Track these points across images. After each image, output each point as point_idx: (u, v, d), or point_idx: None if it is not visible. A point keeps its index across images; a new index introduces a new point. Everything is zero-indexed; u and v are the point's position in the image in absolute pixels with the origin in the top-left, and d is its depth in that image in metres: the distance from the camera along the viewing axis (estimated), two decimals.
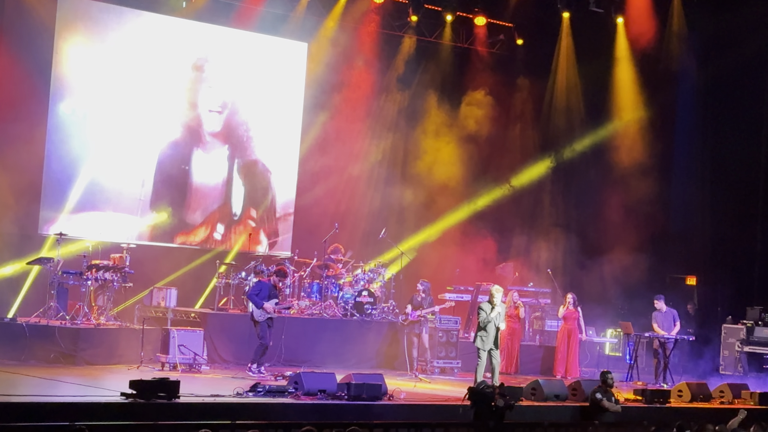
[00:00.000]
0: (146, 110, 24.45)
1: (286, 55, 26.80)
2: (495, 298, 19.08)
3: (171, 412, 14.89)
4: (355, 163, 27.12)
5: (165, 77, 24.79)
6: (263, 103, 26.39)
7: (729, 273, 26.62)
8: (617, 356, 26.00)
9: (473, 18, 27.97)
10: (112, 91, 23.94)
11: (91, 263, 20.96)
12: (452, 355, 23.02)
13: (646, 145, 27.01)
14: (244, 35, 26.00)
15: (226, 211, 25.92)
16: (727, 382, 20.88)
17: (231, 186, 26.01)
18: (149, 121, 24.52)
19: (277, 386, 17.08)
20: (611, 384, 17.93)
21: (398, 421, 16.16)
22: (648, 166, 26.76)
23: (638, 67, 27.55)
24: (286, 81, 26.74)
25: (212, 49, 25.67)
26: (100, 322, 20.48)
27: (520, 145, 28.74)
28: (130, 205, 24.12)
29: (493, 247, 27.21)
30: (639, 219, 26.81)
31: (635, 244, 26.54)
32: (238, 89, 26.04)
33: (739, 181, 27.05)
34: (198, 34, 25.41)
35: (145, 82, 24.40)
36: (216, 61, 25.67)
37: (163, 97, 24.79)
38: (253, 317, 19.74)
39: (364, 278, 23.90)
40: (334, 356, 21.94)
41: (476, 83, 28.12)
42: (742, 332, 25.38)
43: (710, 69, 27.19)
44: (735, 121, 26.94)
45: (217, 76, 25.70)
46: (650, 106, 27.18)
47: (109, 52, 23.96)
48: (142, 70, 24.36)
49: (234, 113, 26.04)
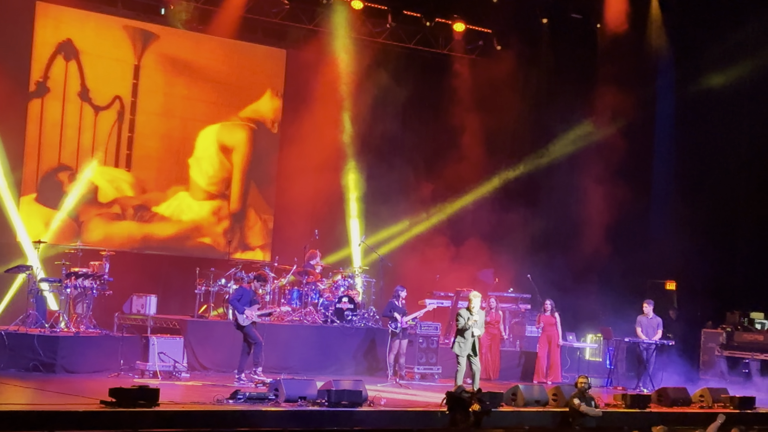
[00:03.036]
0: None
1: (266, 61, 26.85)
2: (473, 304, 19.10)
3: (151, 419, 14.85)
4: (333, 169, 27.07)
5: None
6: (238, 107, 26.49)
7: (709, 278, 26.68)
8: (597, 361, 26.03)
9: (452, 24, 28.02)
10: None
11: (70, 271, 20.90)
12: (432, 361, 23.01)
13: (626, 150, 27.05)
14: (222, 42, 26.02)
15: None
16: (707, 387, 20.90)
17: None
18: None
19: (258, 393, 17.05)
20: (583, 389, 17.94)
21: (379, 428, 16.15)
22: (628, 169, 26.81)
23: (616, 72, 27.62)
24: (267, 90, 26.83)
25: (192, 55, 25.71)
26: (79, 330, 20.40)
27: (499, 149, 28.76)
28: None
29: (473, 253, 27.20)
30: (619, 223, 26.87)
31: (615, 249, 26.60)
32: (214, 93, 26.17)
33: (719, 185, 27.15)
34: (178, 40, 25.49)
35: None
36: (196, 67, 25.73)
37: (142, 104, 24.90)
38: (238, 323, 19.69)
39: (344, 284, 23.89)
40: (315, 363, 21.92)
41: (455, 89, 28.14)
42: (722, 337, 25.47)
43: (689, 75, 27.30)
44: (714, 125, 27.02)
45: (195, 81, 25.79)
46: (629, 110, 27.23)
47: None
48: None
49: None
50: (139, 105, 25.12)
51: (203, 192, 26.04)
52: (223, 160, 26.34)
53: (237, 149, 26.56)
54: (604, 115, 27.71)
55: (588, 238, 27.26)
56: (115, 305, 21.91)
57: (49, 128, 24.04)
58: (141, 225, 25.19)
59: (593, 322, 26.08)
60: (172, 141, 25.75)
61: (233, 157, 26.53)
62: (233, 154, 26.52)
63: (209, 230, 26.08)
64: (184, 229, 25.72)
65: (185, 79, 25.77)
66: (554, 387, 19.30)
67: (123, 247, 24.16)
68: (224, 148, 26.34)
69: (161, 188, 25.61)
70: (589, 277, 26.69)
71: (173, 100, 25.67)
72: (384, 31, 27.57)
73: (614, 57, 27.71)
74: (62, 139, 24.12)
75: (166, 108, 25.60)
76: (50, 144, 24.04)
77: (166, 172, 25.73)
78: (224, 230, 26.15)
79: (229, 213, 26.34)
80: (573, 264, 26.96)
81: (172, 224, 25.61)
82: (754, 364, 24.86)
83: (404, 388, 20.75)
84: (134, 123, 25.04)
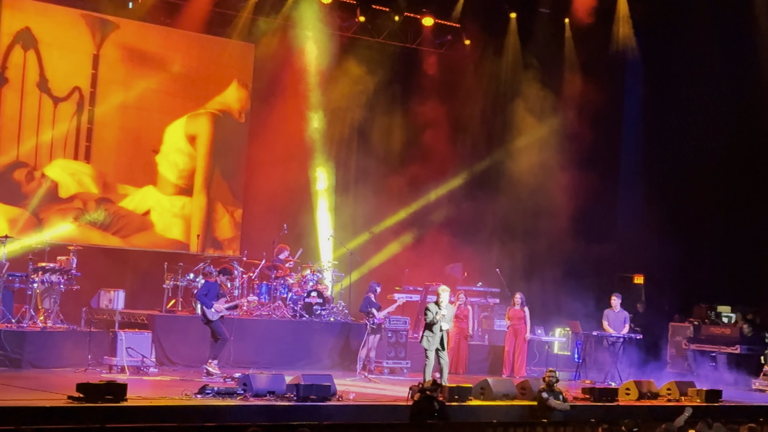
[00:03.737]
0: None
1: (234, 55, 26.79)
2: (442, 298, 19.13)
3: (119, 415, 14.80)
4: (302, 163, 27.03)
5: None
6: (204, 99, 26.44)
7: (676, 272, 26.81)
8: (566, 355, 26.12)
9: (421, 18, 28.03)
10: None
11: (37, 265, 20.79)
12: (402, 355, 23.02)
13: (594, 144, 27.16)
14: (190, 36, 25.94)
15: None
16: (674, 380, 21.02)
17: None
18: None
19: (226, 388, 17.00)
20: (551, 382, 18.00)
21: (347, 422, 16.16)
22: (595, 163, 26.90)
23: (584, 67, 27.77)
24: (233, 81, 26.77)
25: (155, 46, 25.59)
26: (46, 325, 20.31)
27: (467, 143, 28.81)
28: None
29: (442, 247, 27.25)
30: (587, 217, 26.97)
31: (583, 243, 26.70)
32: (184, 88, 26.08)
33: (686, 179, 27.29)
34: (140, 30, 25.36)
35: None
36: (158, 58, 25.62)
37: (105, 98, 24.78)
38: (207, 317, 19.64)
39: (313, 279, 23.87)
40: (284, 358, 21.88)
41: (423, 83, 28.17)
42: (689, 330, 25.62)
43: (657, 69, 27.43)
44: (682, 120, 27.16)
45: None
46: (597, 104, 27.31)
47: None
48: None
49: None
50: (98, 96, 24.74)
51: (172, 186, 25.87)
52: (191, 152, 26.18)
53: (200, 136, 26.26)
54: (572, 109, 27.81)
55: (556, 232, 27.39)
56: (82, 300, 21.79)
57: (8, 120, 23.70)
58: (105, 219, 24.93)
59: (561, 315, 26.15)
60: (131, 133, 25.37)
61: (197, 145, 26.25)
62: (197, 141, 26.23)
63: (177, 224, 25.92)
64: (150, 223, 25.54)
65: (147, 70, 25.38)
66: (523, 381, 19.36)
67: (86, 242, 23.86)
68: (190, 138, 26.11)
69: (123, 181, 25.26)
70: (557, 271, 26.77)
71: (133, 91, 25.25)
72: (353, 25, 27.55)
73: (582, 51, 27.89)
74: (20, 131, 23.77)
75: (126, 99, 25.18)
76: (8, 137, 23.69)
77: (128, 165, 25.39)
78: (192, 224, 26.03)
79: (197, 207, 26.17)
80: (541, 258, 27.06)
81: (138, 219, 25.41)
82: (721, 357, 25.03)
83: (373, 382, 20.76)
84: (93, 114, 24.69)
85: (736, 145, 26.62)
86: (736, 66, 26.14)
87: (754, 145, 26.54)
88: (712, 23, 26.15)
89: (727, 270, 26.50)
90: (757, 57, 25.90)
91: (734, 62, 26.14)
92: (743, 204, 26.65)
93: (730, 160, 26.81)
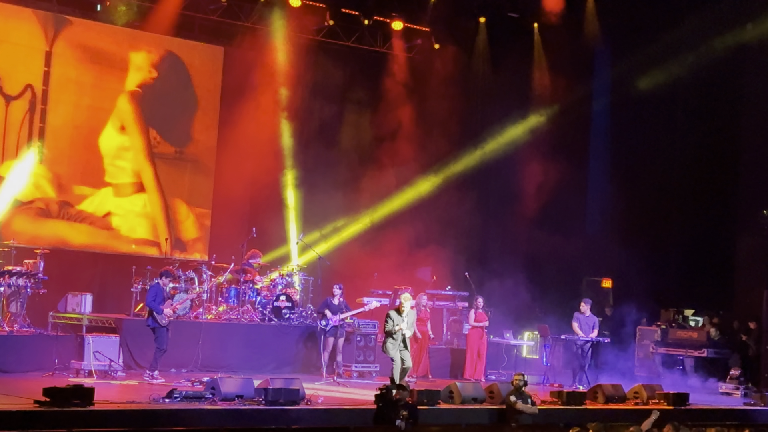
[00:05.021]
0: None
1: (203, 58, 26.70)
2: (404, 306, 19.22)
3: (86, 419, 14.76)
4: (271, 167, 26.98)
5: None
6: (176, 106, 26.29)
7: (644, 276, 26.90)
8: (534, 359, 26.17)
9: (390, 22, 28.06)
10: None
11: (3, 269, 20.67)
12: (370, 359, 23.00)
13: (562, 147, 27.26)
14: (160, 39, 25.86)
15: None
16: (642, 384, 21.09)
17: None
18: None
19: (194, 392, 16.97)
20: (520, 386, 18.03)
21: (316, 426, 16.16)
22: (563, 167, 26.95)
23: (553, 70, 27.86)
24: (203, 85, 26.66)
25: (108, 44, 25.39)
26: (13, 329, 20.18)
27: (436, 147, 28.83)
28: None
29: (411, 250, 27.26)
30: (556, 222, 27.06)
31: (552, 247, 26.77)
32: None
33: (654, 184, 27.41)
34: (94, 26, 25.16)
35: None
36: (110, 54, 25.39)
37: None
38: (157, 323, 19.47)
39: (282, 282, 23.82)
40: (252, 361, 21.85)
41: (393, 86, 28.20)
42: (657, 334, 25.73)
43: (625, 73, 27.48)
44: (649, 124, 27.29)
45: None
46: (566, 109, 27.41)
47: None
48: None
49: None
50: (50, 94, 24.41)
51: (129, 186, 25.61)
52: (130, 143, 25.70)
53: (126, 120, 25.68)
54: (541, 112, 27.91)
55: (524, 236, 27.48)
56: (49, 304, 21.72)
57: None
58: (69, 223, 24.74)
59: (530, 319, 26.21)
60: (85, 133, 25.06)
61: (128, 131, 25.70)
62: (127, 128, 25.68)
63: (141, 224, 25.75)
64: (111, 225, 25.35)
65: (99, 68, 25.15)
66: (491, 384, 19.39)
67: (52, 245, 23.69)
68: (121, 129, 25.58)
69: (80, 183, 25.02)
70: (525, 275, 26.81)
71: (86, 89, 25.02)
72: (322, 29, 27.53)
73: (551, 55, 27.97)
74: None
75: (79, 98, 24.94)
76: None
77: (82, 165, 25.07)
78: (154, 225, 25.88)
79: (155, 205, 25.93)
80: (510, 262, 27.08)
81: (99, 221, 25.21)
82: (688, 360, 25.16)
83: (342, 386, 20.74)
84: (46, 113, 24.36)
85: (701, 150, 26.81)
86: (701, 69, 26.22)
87: (718, 151, 26.69)
88: (679, 26, 26.29)
89: (693, 275, 26.64)
90: (725, 56, 25.88)
91: (699, 66, 26.24)
92: (708, 209, 26.78)
93: (698, 166, 26.96)
